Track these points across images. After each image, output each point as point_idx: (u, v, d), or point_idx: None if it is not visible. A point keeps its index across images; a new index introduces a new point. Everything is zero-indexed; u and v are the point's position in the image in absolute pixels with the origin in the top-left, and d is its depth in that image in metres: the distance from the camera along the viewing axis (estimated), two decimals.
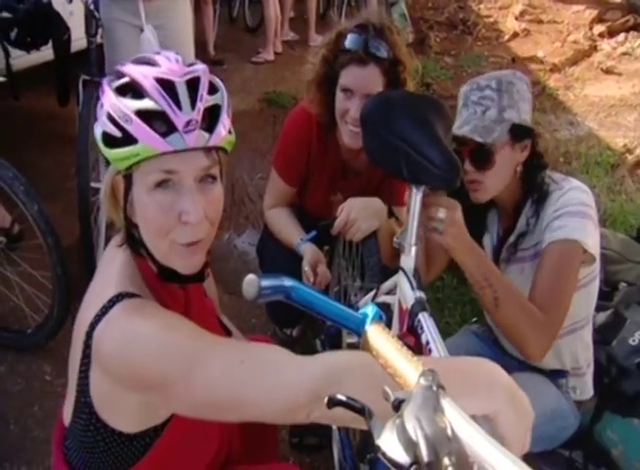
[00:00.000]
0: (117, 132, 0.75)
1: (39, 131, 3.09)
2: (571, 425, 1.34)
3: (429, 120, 1.10)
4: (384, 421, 0.46)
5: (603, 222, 2.62)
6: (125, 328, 0.75)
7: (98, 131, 0.77)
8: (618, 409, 1.38)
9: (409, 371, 0.53)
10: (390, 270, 1.28)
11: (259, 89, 4.18)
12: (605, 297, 1.49)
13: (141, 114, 0.74)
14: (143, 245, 0.82)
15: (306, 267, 1.50)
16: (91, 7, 2.07)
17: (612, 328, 1.43)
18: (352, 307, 0.67)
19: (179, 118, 0.74)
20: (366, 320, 0.62)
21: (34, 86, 2.90)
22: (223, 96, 0.81)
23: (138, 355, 0.72)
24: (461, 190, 1.22)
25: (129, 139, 0.74)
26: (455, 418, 0.46)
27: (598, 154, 3.47)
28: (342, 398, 0.50)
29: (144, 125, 0.73)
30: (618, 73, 4.65)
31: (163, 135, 0.73)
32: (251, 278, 0.65)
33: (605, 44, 5.06)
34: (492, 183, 1.22)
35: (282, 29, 5.10)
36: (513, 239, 1.29)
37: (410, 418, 0.44)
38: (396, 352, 0.56)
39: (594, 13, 5.43)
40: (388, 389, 0.49)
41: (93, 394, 0.81)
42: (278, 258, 1.71)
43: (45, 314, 1.82)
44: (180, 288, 0.88)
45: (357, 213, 1.36)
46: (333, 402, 0.51)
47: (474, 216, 1.23)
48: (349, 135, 1.48)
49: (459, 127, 1.20)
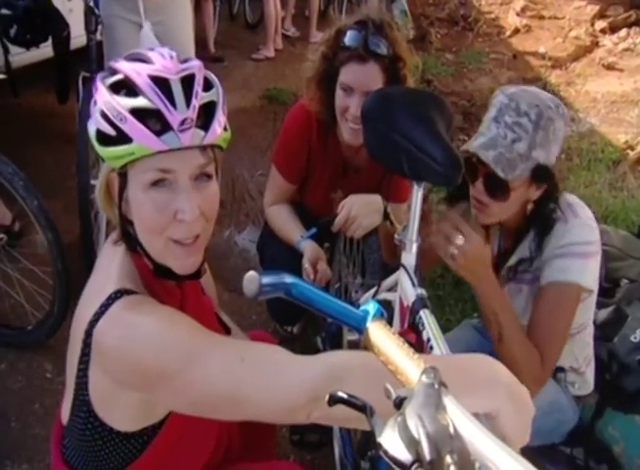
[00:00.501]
0: (112, 131, 0.74)
1: (39, 129, 3.09)
2: (569, 419, 1.34)
3: (430, 117, 1.10)
4: (385, 419, 0.46)
5: (604, 219, 2.61)
6: (125, 324, 0.75)
7: (92, 129, 0.76)
8: (620, 406, 1.38)
9: (411, 369, 0.53)
10: (391, 267, 1.28)
11: (260, 86, 4.17)
12: (606, 293, 1.48)
13: (135, 112, 0.73)
14: (138, 242, 0.82)
15: (307, 264, 1.49)
16: (91, 4, 2.06)
17: (613, 325, 1.43)
18: (353, 305, 0.67)
19: (174, 117, 0.73)
20: (367, 317, 0.62)
21: (34, 83, 2.89)
22: (218, 92, 0.80)
23: (138, 351, 0.72)
24: (463, 188, 1.22)
25: (124, 138, 0.73)
26: (457, 416, 0.45)
27: (599, 150, 3.46)
28: (343, 395, 0.50)
29: (139, 124, 0.73)
30: (620, 69, 4.64)
31: (158, 134, 0.73)
32: (251, 275, 0.65)
33: (606, 40, 5.05)
34: (498, 211, 1.20)
35: (283, 25, 5.09)
36: (513, 262, 1.28)
37: (412, 416, 0.44)
38: (398, 350, 0.55)
39: (596, 8, 5.41)
40: (389, 386, 0.49)
41: (91, 392, 0.81)
42: (278, 256, 1.71)
43: (46, 311, 1.82)
44: (176, 285, 0.88)
45: (358, 210, 1.36)
46: (334, 400, 0.51)
47: None
48: (349, 132, 1.47)
49: (483, 147, 1.12)
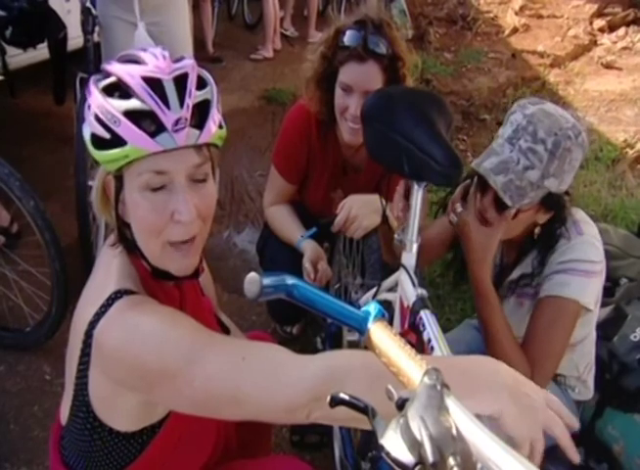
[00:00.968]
0: (106, 134, 0.73)
1: (37, 130, 3.08)
2: None
3: (430, 116, 1.09)
4: (387, 420, 0.46)
5: (604, 218, 2.61)
6: (126, 324, 0.75)
7: (86, 133, 0.76)
8: (620, 405, 1.38)
9: (413, 370, 0.52)
10: (391, 267, 1.27)
11: (258, 86, 4.16)
12: (606, 292, 1.48)
13: (129, 114, 0.73)
14: (135, 245, 0.82)
15: (307, 264, 1.49)
16: (88, 4, 2.06)
17: (613, 324, 1.43)
18: (353, 305, 0.66)
19: (168, 117, 0.73)
20: (368, 318, 0.61)
21: (32, 84, 2.89)
22: (213, 90, 0.79)
23: (138, 351, 0.72)
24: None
25: (118, 141, 0.73)
26: (460, 417, 0.45)
27: (598, 149, 3.46)
28: (344, 396, 0.50)
29: (132, 126, 0.72)
30: (619, 68, 4.64)
31: (152, 135, 0.72)
32: (252, 277, 0.64)
33: (605, 39, 5.04)
34: (502, 229, 1.17)
35: (281, 25, 5.08)
36: (515, 276, 1.27)
37: (414, 417, 0.43)
38: (400, 351, 0.55)
39: (594, 7, 5.41)
40: (391, 388, 0.48)
41: (91, 392, 0.81)
42: (278, 256, 1.70)
43: (44, 313, 1.81)
44: (175, 286, 0.88)
45: (358, 210, 1.35)
46: (335, 401, 0.50)
47: None
48: (349, 132, 1.47)
49: (494, 171, 1.09)
